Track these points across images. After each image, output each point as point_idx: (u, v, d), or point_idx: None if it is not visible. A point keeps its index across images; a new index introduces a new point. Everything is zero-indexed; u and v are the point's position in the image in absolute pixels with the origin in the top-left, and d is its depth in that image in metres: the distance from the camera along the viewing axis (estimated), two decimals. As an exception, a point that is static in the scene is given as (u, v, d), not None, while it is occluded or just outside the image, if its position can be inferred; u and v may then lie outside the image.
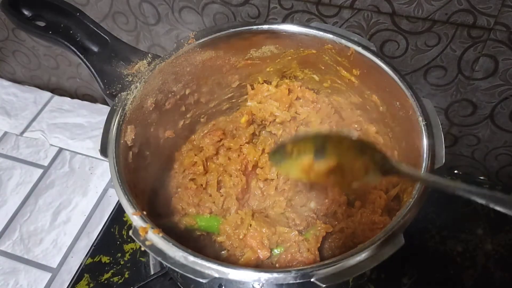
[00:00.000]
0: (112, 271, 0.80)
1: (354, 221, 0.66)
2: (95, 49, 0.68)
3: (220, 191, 0.72)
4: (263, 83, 0.78)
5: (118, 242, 0.84)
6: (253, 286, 0.49)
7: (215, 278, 0.47)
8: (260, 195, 0.74)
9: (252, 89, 0.78)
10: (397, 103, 0.64)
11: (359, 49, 0.65)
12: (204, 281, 0.47)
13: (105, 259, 0.82)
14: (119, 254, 0.82)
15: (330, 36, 0.67)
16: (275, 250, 0.62)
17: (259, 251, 0.61)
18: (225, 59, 0.71)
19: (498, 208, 0.39)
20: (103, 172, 1.01)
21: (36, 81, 1.26)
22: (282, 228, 0.65)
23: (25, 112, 1.14)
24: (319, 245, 0.63)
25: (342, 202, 0.69)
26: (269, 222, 0.67)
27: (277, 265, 0.62)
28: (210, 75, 0.73)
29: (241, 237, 0.63)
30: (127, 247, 0.83)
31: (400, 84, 0.62)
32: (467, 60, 0.78)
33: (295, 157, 0.55)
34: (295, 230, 0.65)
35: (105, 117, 0.61)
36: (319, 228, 0.65)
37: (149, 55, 0.67)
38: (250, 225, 0.64)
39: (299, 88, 0.77)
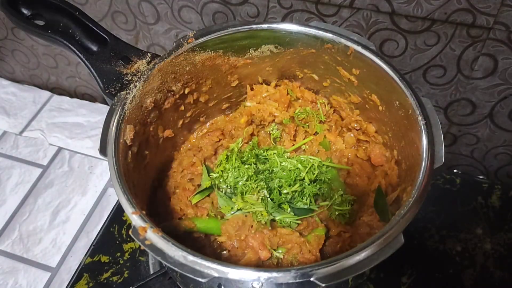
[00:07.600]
0: (111, 270, 0.80)
1: (351, 225, 0.65)
2: (94, 48, 0.67)
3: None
4: (262, 84, 0.77)
5: (117, 242, 0.84)
6: (252, 286, 0.49)
7: (215, 277, 0.47)
8: (259, 195, 0.74)
9: (252, 89, 0.78)
10: (397, 102, 0.64)
11: (359, 48, 0.65)
12: (203, 280, 0.47)
13: (104, 258, 0.82)
14: (119, 254, 0.82)
15: (329, 35, 0.67)
16: (277, 252, 0.62)
17: (260, 251, 0.61)
18: (224, 59, 0.71)
19: None
20: (102, 171, 1.01)
21: (35, 80, 1.26)
22: (284, 230, 0.65)
23: (24, 112, 1.14)
24: (320, 246, 0.63)
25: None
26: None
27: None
28: (210, 74, 0.72)
29: (242, 238, 0.63)
30: (127, 246, 0.83)
31: (400, 83, 0.62)
32: (467, 59, 0.78)
33: None
34: (296, 231, 0.65)
35: (104, 117, 0.60)
36: (321, 229, 0.65)
37: (148, 54, 0.67)
38: (252, 226, 0.64)
39: (298, 88, 0.77)
